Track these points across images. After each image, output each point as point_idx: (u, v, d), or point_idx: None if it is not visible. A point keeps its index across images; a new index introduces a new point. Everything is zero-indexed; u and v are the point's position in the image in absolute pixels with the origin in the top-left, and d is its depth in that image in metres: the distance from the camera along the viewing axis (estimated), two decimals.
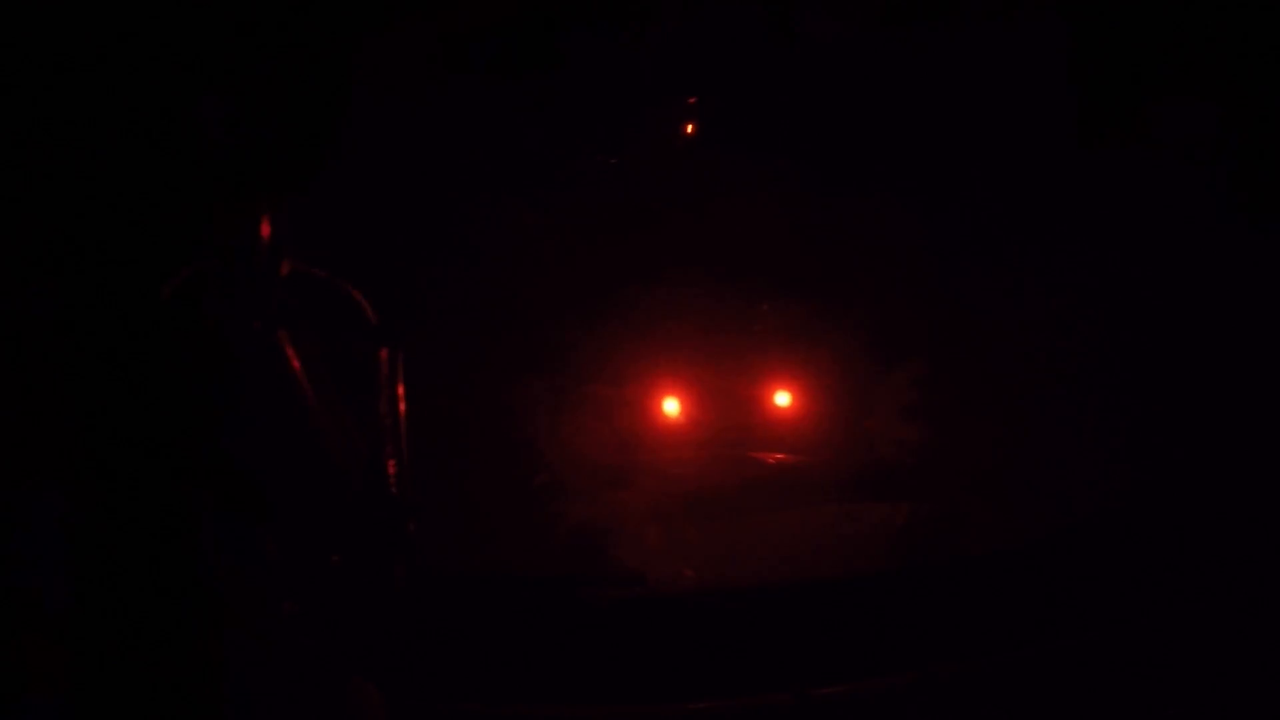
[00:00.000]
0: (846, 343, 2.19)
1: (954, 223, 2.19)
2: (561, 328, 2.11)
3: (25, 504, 1.05)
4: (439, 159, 2.05)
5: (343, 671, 1.19)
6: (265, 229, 0.80)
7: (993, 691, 1.42)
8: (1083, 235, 2.07)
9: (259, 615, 1.14)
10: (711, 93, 2.27)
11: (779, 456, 2.29)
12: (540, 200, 2.19)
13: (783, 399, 2.32)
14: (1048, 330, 2.06)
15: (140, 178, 0.89)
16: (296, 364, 0.90)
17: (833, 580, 1.67)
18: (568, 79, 2.10)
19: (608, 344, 2.15)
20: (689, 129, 2.33)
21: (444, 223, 2.06)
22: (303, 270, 0.88)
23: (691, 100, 2.31)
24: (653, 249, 2.20)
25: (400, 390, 1.01)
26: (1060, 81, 2.08)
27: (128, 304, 0.93)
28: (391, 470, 1.04)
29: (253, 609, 1.14)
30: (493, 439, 2.08)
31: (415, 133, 2.02)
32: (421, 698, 1.39)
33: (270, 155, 0.87)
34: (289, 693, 1.17)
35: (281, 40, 0.90)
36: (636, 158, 2.29)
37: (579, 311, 2.12)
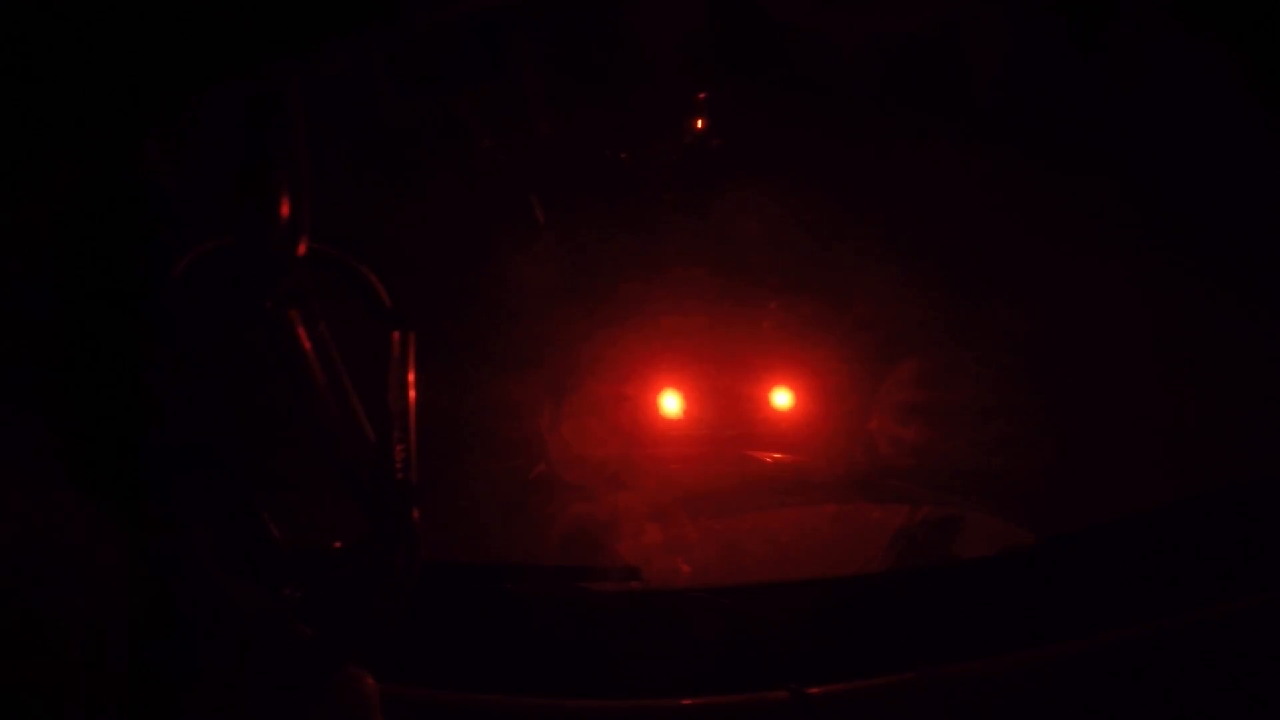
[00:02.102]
0: (846, 344, 2.19)
1: (951, 226, 2.19)
2: (563, 324, 2.11)
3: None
4: (441, 153, 2.04)
5: (338, 660, 1.18)
6: (284, 207, 0.78)
7: (987, 694, 1.42)
8: (1079, 241, 2.07)
9: (256, 603, 1.13)
10: (720, 89, 2.27)
11: (776, 455, 2.30)
12: (547, 196, 2.19)
13: (782, 399, 2.32)
14: (1049, 333, 2.06)
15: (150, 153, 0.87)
16: (307, 345, 0.88)
17: (827, 580, 1.67)
18: (577, 73, 2.09)
19: (609, 340, 2.15)
20: (699, 124, 2.33)
21: (448, 218, 2.05)
22: (319, 250, 0.87)
23: (701, 96, 2.31)
24: (657, 246, 2.21)
25: (411, 376, 1.00)
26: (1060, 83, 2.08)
27: (129, 287, 0.91)
28: (399, 457, 1.02)
29: (250, 597, 1.12)
30: (492, 433, 2.08)
31: (418, 127, 2.01)
32: (415, 688, 1.38)
33: (285, 143, 0.85)
34: (282, 681, 1.16)
35: (289, 33, 0.88)
36: (645, 153, 2.28)
37: (581, 307, 2.12)
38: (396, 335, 0.98)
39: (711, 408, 2.32)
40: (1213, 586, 1.44)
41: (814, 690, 1.38)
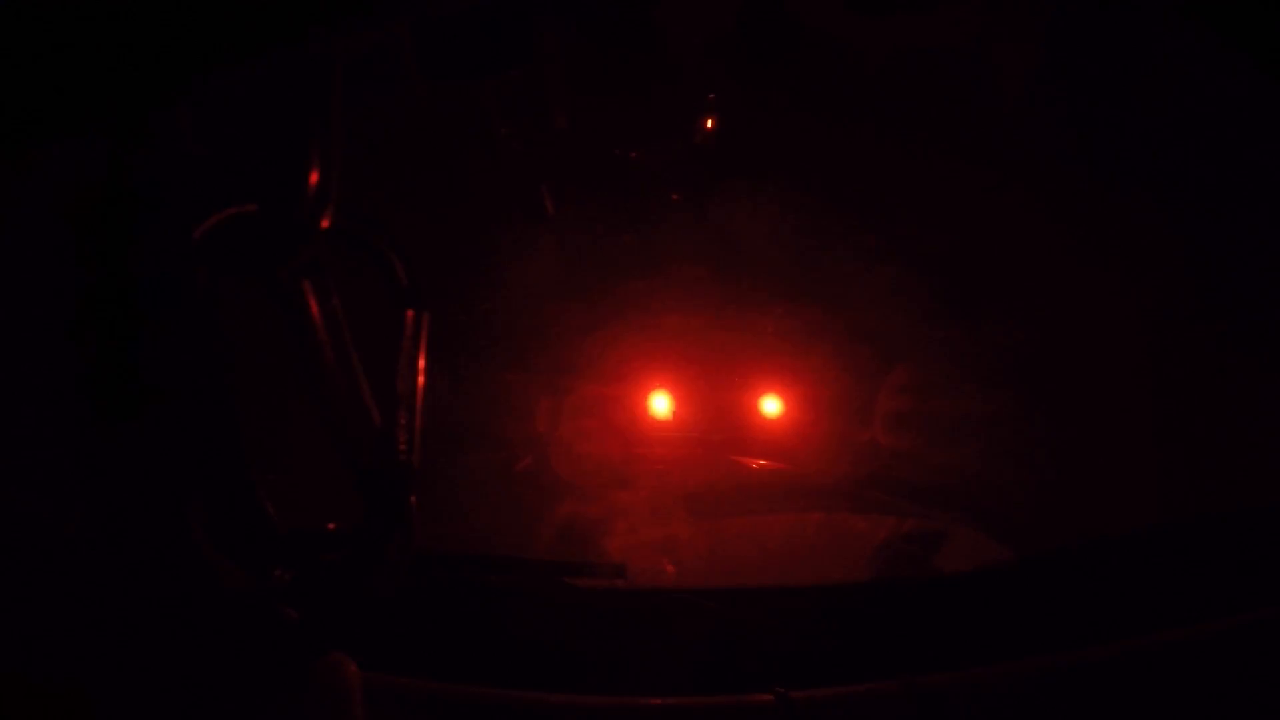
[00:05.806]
0: (840, 353, 2.21)
1: (950, 239, 2.22)
2: (562, 319, 2.11)
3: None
4: (456, 139, 2.03)
5: (322, 646, 1.16)
6: (314, 177, 0.78)
7: (967, 704, 1.43)
8: (1074, 257, 2.10)
9: (244, 583, 1.11)
10: (739, 91, 2.27)
11: (764, 462, 2.31)
12: (556, 189, 2.18)
13: (774, 405, 2.34)
14: (1041, 349, 2.09)
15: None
16: (318, 318, 0.87)
17: (813, 587, 1.68)
18: (600, 68, 2.09)
19: (608, 339, 2.16)
20: (710, 125, 2.34)
21: (456, 206, 2.04)
22: (343, 224, 0.86)
23: (711, 96, 2.32)
24: (661, 246, 2.21)
25: (422, 361, 0.99)
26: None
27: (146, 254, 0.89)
28: (402, 440, 1.02)
29: (238, 577, 1.11)
30: (485, 426, 2.07)
31: (420, 126, 1.99)
32: (397, 676, 1.37)
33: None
34: (264, 664, 1.14)
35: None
36: (657, 152, 2.29)
37: (581, 304, 2.12)
38: (410, 315, 0.98)
39: (704, 411, 2.33)
40: (1189, 608, 1.46)
41: (799, 695, 1.38)
